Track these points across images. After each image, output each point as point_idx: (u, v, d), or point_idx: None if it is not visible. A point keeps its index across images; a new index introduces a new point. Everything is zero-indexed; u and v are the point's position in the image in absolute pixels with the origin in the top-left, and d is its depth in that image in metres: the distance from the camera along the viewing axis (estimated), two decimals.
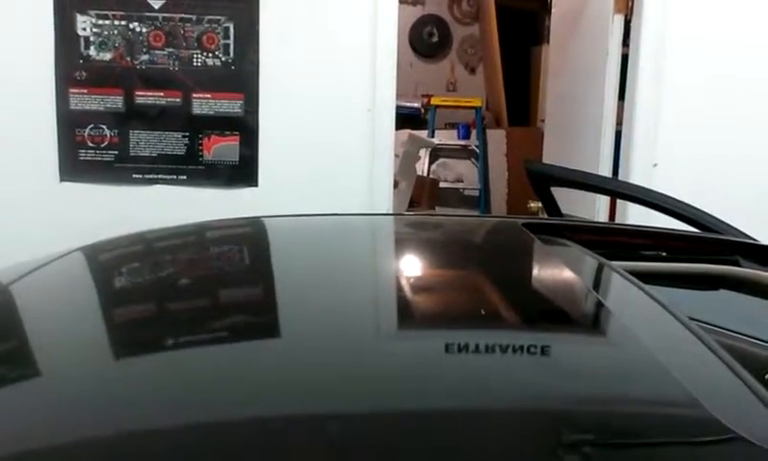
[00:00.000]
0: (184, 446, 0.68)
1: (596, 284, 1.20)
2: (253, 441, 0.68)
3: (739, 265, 1.40)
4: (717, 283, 1.36)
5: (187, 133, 2.72)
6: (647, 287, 1.03)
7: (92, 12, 2.64)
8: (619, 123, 2.97)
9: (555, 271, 1.27)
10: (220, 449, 0.66)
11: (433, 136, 6.10)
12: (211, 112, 2.71)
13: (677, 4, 2.76)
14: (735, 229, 1.77)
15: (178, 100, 2.70)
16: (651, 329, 0.94)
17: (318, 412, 0.72)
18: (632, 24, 2.87)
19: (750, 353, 1.08)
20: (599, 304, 1.10)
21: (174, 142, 2.72)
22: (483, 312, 1.07)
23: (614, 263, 1.18)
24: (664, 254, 1.45)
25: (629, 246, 1.54)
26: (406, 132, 5.34)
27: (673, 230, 1.69)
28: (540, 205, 2.76)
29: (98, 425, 0.72)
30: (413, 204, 5.22)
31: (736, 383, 0.76)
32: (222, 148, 2.73)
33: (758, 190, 2.78)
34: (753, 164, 2.81)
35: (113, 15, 2.65)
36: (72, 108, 2.67)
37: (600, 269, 1.20)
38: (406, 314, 1.06)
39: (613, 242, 1.56)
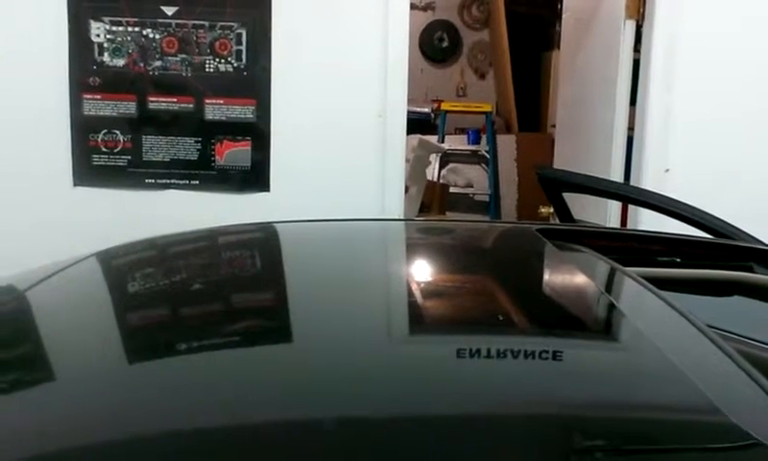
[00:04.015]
0: (209, 448, 0.69)
1: (613, 290, 1.20)
2: (273, 443, 0.69)
3: (753, 271, 1.40)
4: (732, 289, 1.35)
5: (200, 139, 2.73)
6: (663, 293, 1.03)
7: (106, 19, 2.66)
8: (631, 128, 2.96)
9: (571, 277, 1.27)
10: (243, 452, 0.67)
11: (443, 141, 6.11)
12: (223, 118, 2.73)
13: (688, 9, 2.75)
14: (748, 234, 1.77)
15: (190, 105, 2.71)
16: (669, 336, 0.94)
17: (339, 416, 0.73)
18: (643, 29, 2.86)
19: (765, 360, 1.08)
20: (616, 311, 1.10)
21: (186, 147, 2.73)
22: (500, 318, 1.08)
23: (629, 269, 1.18)
24: (678, 260, 1.45)
25: (642, 252, 1.54)
26: (416, 137, 5.35)
27: (686, 235, 1.69)
28: (550, 210, 2.76)
29: (126, 428, 0.72)
30: (423, 208, 5.23)
31: (754, 389, 0.76)
32: (234, 153, 2.75)
33: None
34: (766, 169, 2.80)
35: (127, 22, 2.67)
36: (86, 113, 2.69)
37: (616, 275, 1.20)
38: (429, 320, 1.07)
39: (627, 248, 1.56)
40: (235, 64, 2.70)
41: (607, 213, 2.95)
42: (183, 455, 0.68)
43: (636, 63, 2.91)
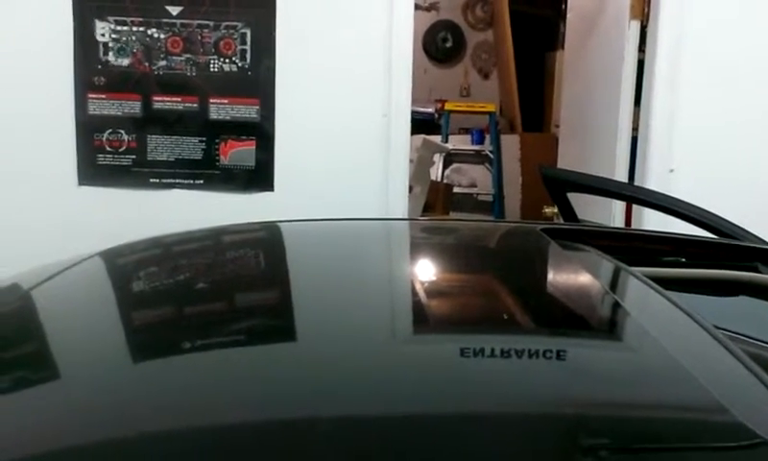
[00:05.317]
0: (211, 448, 0.69)
1: (618, 290, 1.19)
2: (278, 444, 0.69)
3: (759, 271, 1.39)
4: (737, 290, 1.35)
5: (204, 138, 2.74)
6: (669, 293, 1.02)
7: (111, 19, 2.67)
8: (635, 128, 2.96)
9: (576, 276, 1.26)
10: (245, 450, 0.67)
11: (447, 141, 6.10)
12: (228, 118, 2.73)
13: (693, 9, 2.75)
14: (753, 234, 1.76)
15: (195, 105, 2.72)
16: (675, 336, 0.94)
17: (343, 416, 0.73)
18: (648, 30, 2.86)
19: None
20: (622, 310, 1.10)
21: (191, 147, 2.74)
22: (506, 317, 1.07)
23: (635, 269, 1.17)
24: (683, 259, 1.45)
25: (647, 252, 1.54)
26: (420, 137, 5.35)
27: (690, 235, 1.68)
28: (554, 210, 2.76)
29: (131, 428, 0.72)
30: (427, 208, 5.22)
31: (761, 389, 0.76)
32: (238, 153, 2.75)
33: None
34: None
35: (132, 22, 2.67)
36: (91, 112, 2.70)
37: (621, 275, 1.20)
38: (433, 319, 1.07)
39: (632, 247, 1.56)
40: (240, 64, 2.71)
41: (611, 213, 2.95)
42: (188, 454, 0.68)
43: (641, 64, 2.91)
